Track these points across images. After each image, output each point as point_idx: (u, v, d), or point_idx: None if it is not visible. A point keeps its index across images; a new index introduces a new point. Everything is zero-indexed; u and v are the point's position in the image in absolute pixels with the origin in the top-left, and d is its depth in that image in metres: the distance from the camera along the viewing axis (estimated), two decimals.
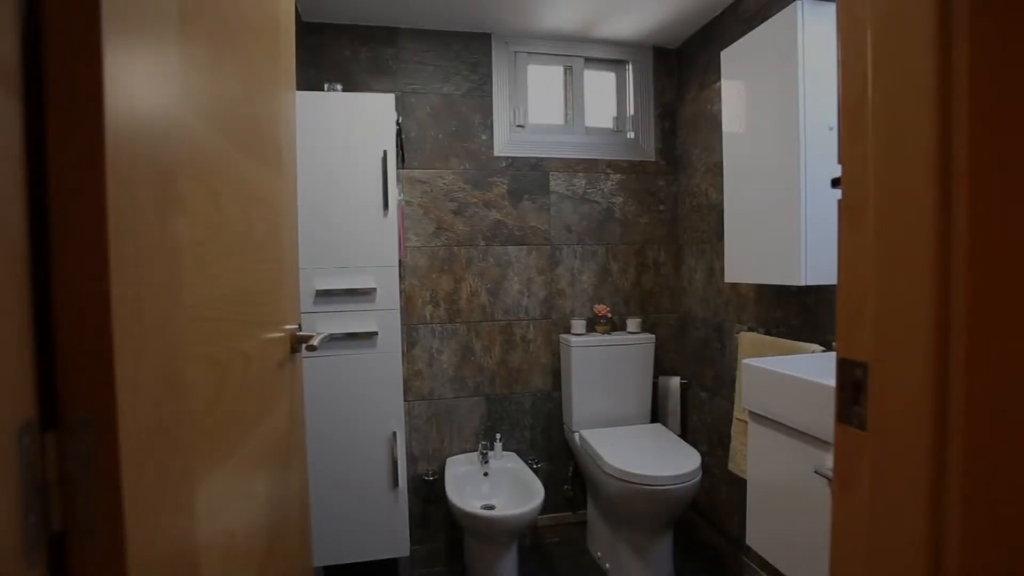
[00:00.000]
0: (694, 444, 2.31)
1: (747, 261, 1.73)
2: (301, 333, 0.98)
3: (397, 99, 2.16)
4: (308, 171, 1.76)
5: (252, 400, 0.73)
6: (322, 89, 1.88)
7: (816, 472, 1.10)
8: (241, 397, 0.69)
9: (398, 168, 2.17)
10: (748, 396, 1.35)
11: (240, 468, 0.68)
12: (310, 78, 2.09)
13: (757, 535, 1.34)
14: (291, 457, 0.95)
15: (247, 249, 0.73)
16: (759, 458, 1.33)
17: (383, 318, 1.85)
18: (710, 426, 2.22)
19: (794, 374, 1.18)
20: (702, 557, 2.18)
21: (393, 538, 1.89)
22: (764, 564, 1.88)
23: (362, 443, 1.84)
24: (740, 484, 2.01)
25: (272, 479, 0.82)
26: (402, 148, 2.14)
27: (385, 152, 1.81)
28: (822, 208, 1.50)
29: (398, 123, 1.94)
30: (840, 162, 0.49)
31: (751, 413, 1.36)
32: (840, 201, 0.49)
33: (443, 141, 2.23)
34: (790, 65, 1.50)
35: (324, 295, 1.80)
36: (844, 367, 0.47)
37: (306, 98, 1.76)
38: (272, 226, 0.86)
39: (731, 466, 1.86)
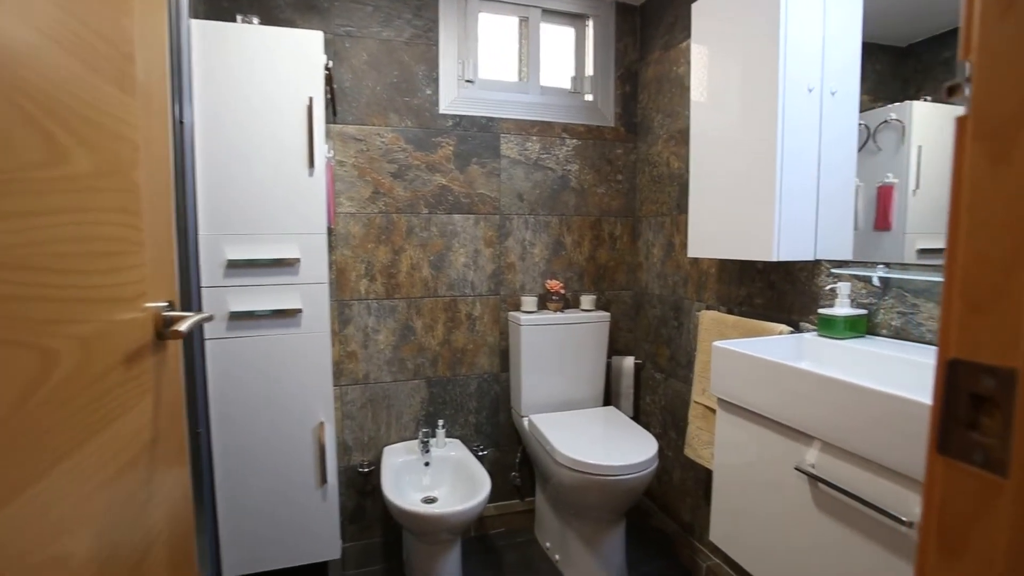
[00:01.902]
0: (647, 426, 2.21)
1: (712, 235, 1.60)
2: (173, 313, 0.74)
3: (328, 42, 1.87)
4: (215, 118, 1.48)
5: (78, 405, 0.51)
6: (233, 20, 1.58)
7: (797, 469, 0.99)
8: (55, 403, 0.47)
9: (328, 122, 1.90)
10: (717, 382, 1.23)
11: (69, 484, 0.47)
12: (220, 8, 1.77)
13: (723, 532, 1.23)
14: (163, 463, 0.72)
15: (57, 189, 0.49)
16: (728, 449, 1.21)
17: (309, 293, 1.61)
18: (664, 408, 2.13)
19: (774, 359, 1.06)
20: (653, 543, 2.10)
21: (321, 540, 1.68)
22: (716, 550, 1.81)
23: (284, 436, 1.61)
24: (694, 468, 1.92)
25: (130, 490, 0.61)
26: (333, 99, 1.87)
27: (311, 100, 1.55)
28: (799, 178, 1.38)
29: (328, 68, 1.67)
30: (965, 56, 0.32)
31: (720, 401, 1.23)
32: (964, 118, 0.32)
33: (382, 94, 1.96)
34: (771, 18, 1.35)
35: (236, 266, 1.54)
36: (960, 373, 0.31)
37: (212, 30, 1.47)
38: (121, 164, 0.62)
39: (687, 451, 1.77)
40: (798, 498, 1.00)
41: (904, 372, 1.06)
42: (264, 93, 1.52)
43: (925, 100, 1.26)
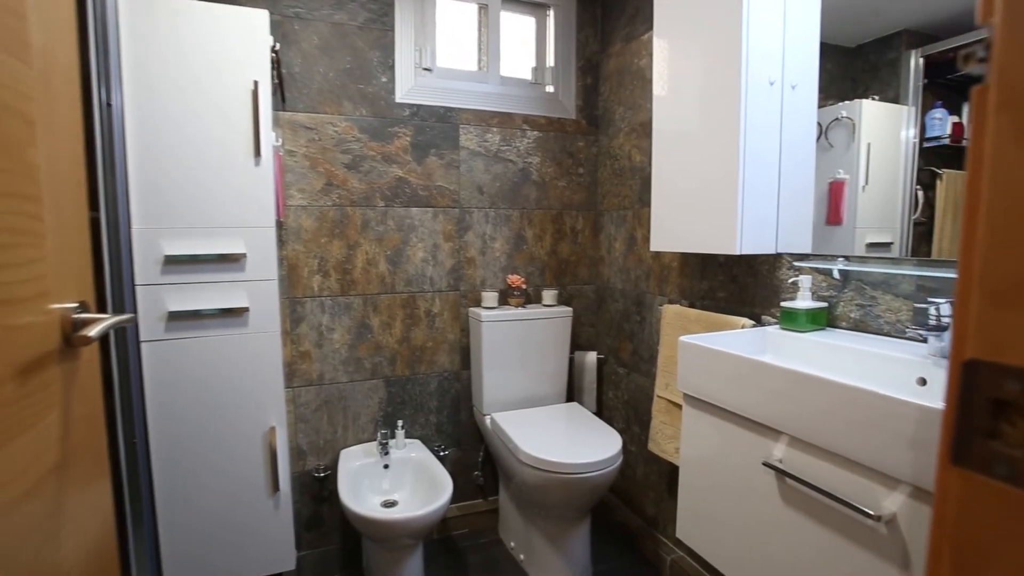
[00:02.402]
0: (610, 422, 2.20)
1: (675, 229, 1.59)
2: (85, 316, 0.65)
3: (276, 24, 1.76)
4: (148, 101, 1.36)
5: None
6: None
7: (765, 464, 0.98)
8: None
9: (277, 109, 1.79)
10: (684, 378, 1.21)
11: None
12: None
13: (689, 528, 1.22)
14: (76, 487, 0.64)
15: None
16: (694, 445, 1.20)
17: (256, 291, 1.51)
18: (627, 403, 2.12)
19: (740, 354, 1.04)
20: (618, 538, 2.10)
21: (275, 551, 1.59)
22: (681, 543, 1.81)
23: (232, 443, 1.51)
24: (657, 463, 1.92)
25: (32, 523, 0.52)
26: (281, 84, 1.76)
27: (256, 84, 1.44)
28: (761, 171, 1.38)
29: (275, 51, 1.57)
30: (986, 18, 0.29)
31: (686, 396, 1.22)
32: (983, 89, 0.29)
33: (334, 81, 1.86)
34: (733, 10, 1.34)
35: (175, 263, 1.42)
36: (979, 376, 0.28)
37: (144, 4, 1.35)
38: (8, 140, 0.53)
39: (651, 446, 1.76)
40: (766, 494, 0.99)
41: (866, 364, 1.07)
42: (205, 76, 1.41)
43: (873, 99, 1.29)
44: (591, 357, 2.21)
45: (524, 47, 2.22)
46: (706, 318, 1.58)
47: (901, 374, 1.00)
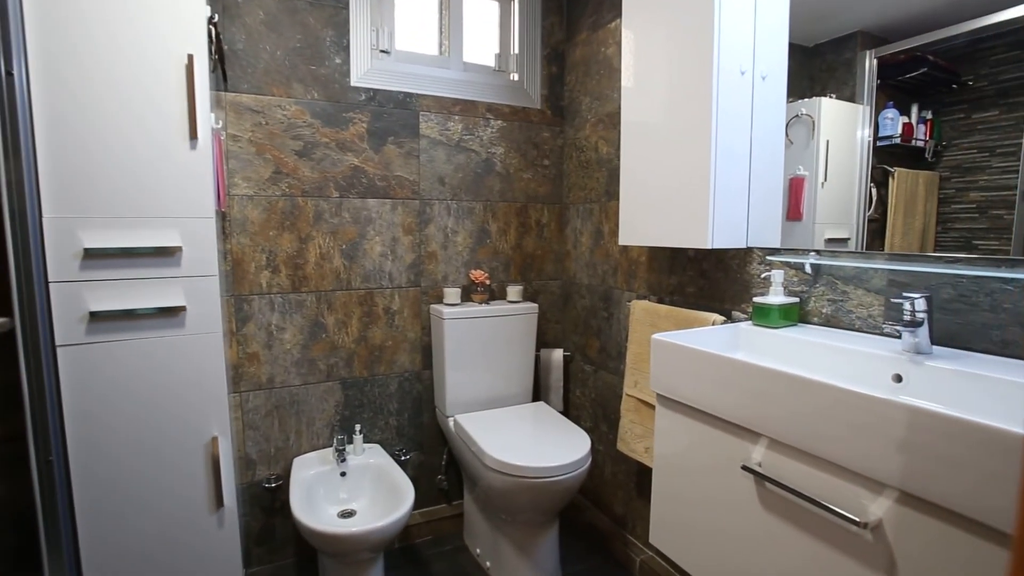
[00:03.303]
0: (577, 421, 2.15)
1: (644, 222, 1.54)
2: None
3: None
4: (60, 72, 1.21)
5: None
6: None
7: (743, 468, 0.93)
8: None
9: (219, 89, 1.65)
10: (657, 377, 1.16)
11: None
12: None
13: (663, 534, 1.17)
14: None
15: None
16: (668, 448, 1.15)
17: (195, 288, 1.37)
18: (594, 401, 2.07)
19: (717, 352, 0.99)
20: (586, 539, 2.05)
21: (219, 571, 1.46)
22: (651, 543, 1.78)
23: (169, 456, 1.38)
24: (626, 462, 1.88)
25: None
26: (222, 61, 1.62)
27: (191, 58, 1.30)
28: (733, 163, 1.34)
29: (213, 23, 1.43)
30: None
31: (659, 396, 1.17)
32: None
33: (283, 60, 1.73)
34: None
35: (97, 256, 1.28)
36: None
37: None
38: None
39: (620, 446, 1.71)
40: (744, 499, 0.95)
41: (840, 361, 1.03)
42: (129, 47, 1.26)
43: (831, 97, 1.29)
44: (557, 355, 2.15)
45: (487, 32, 2.13)
46: (676, 314, 1.53)
47: (876, 370, 0.97)
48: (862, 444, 0.74)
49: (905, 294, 0.95)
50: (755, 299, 1.28)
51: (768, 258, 1.34)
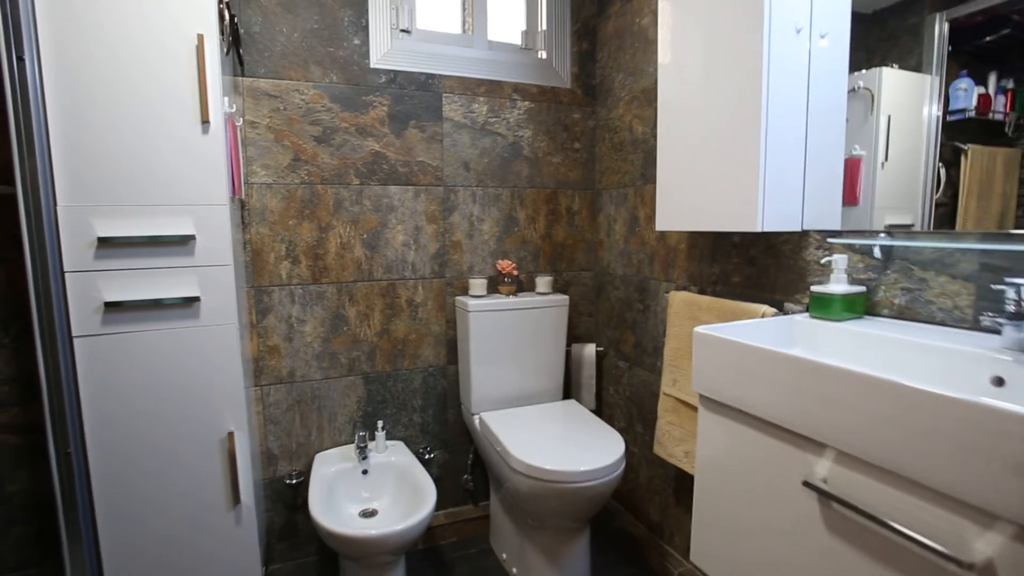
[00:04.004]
0: (610, 420, 2.03)
1: (684, 205, 1.40)
2: None
3: None
4: (71, 57, 1.17)
5: None
6: None
7: (805, 484, 0.80)
8: None
9: (235, 75, 1.59)
10: (700, 376, 1.03)
11: None
12: None
13: (706, 551, 1.04)
14: None
15: None
16: (713, 457, 1.02)
17: (208, 278, 1.32)
18: (629, 400, 1.94)
19: (773, 348, 0.86)
20: (619, 547, 1.93)
21: (237, 571, 1.42)
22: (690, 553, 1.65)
23: (184, 452, 1.33)
24: (663, 466, 1.75)
25: None
26: (238, 45, 1.56)
27: (201, 38, 1.24)
28: (786, 136, 1.19)
29: (225, 3, 1.37)
30: None
31: (703, 399, 1.04)
32: None
33: (300, 42, 1.66)
34: None
35: (111, 246, 1.23)
36: None
37: None
38: None
39: (657, 449, 1.59)
40: (804, 520, 0.81)
41: (922, 360, 0.88)
42: (138, 27, 1.21)
43: (893, 68, 1.14)
44: (589, 350, 2.03)
45: (513, 8, 2.01)
46: (719, 306, 1.39)
47: (969, 372, 0.82)
48: (968, 464, 0.60)
49: (1009, 279, 0.79)
50: (813, 288, 1.13)
51: (829, 240, 1.19)
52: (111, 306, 1.24)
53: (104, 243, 1.23)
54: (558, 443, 1.58)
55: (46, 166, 1.17)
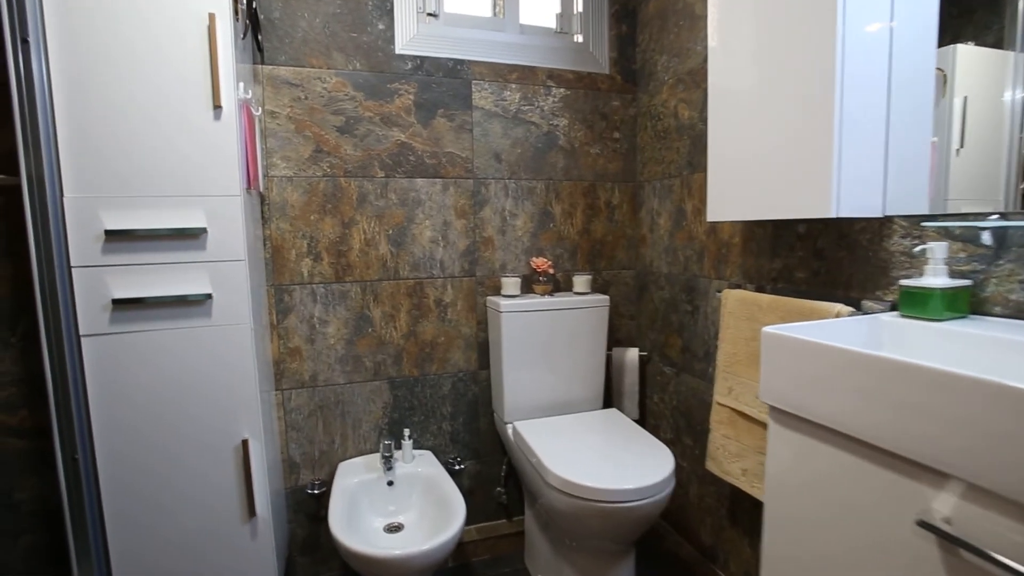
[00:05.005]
0: (655, 431, 1.87)
1: (739, 193, 1.25)
2: None
3: None
4: (78, 37, 1.10)
5: None
6: None
7: (920, 524, 0.63)
8: None
9: (255, 63, 1.52)
10: (770, 383, 0.87)
11: None
12: None
13: None
14: None
15: None
16: (788, 481, 0.86)
17: (221, 274, 1.24)
18: (676, 409, 1.78)
19: (870, 352, 0.70)
20: (665, 569, 1.76)
21: None
22: None
23: (196, 460, 1.25)
24: (715, 482, 1.58)
25: None
26: (256, 31, 1.48)
27: (212, 16, 1.16)
28: (863, 105, 1.02)
29: None
30: None
31: (774, 411, 0.88)
32: None
33: (321, 28, 1.58)
34: None
35: (119, 239, 1.16)
36: None
37: None
38: None
39: (710, 465, 1.42)
40: (919, 568, 0.65)
41: None
42: (147, 7, 1.14)
43: (969, 45, 1.00)
44: (632, 354, 1.87)
45: None
46: (782, 305, 1.22)
47: None
48: None
49: None
50: (903, 282, 0.96)
51: (923, 225, 1.01)
52: (119, 303, 1.17)
53: (112, 236, 1.16)
54: (600, 457, 1.44)
55: (52, 154, 1.11)
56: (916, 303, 0.93)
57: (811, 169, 1.05)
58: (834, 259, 1.20)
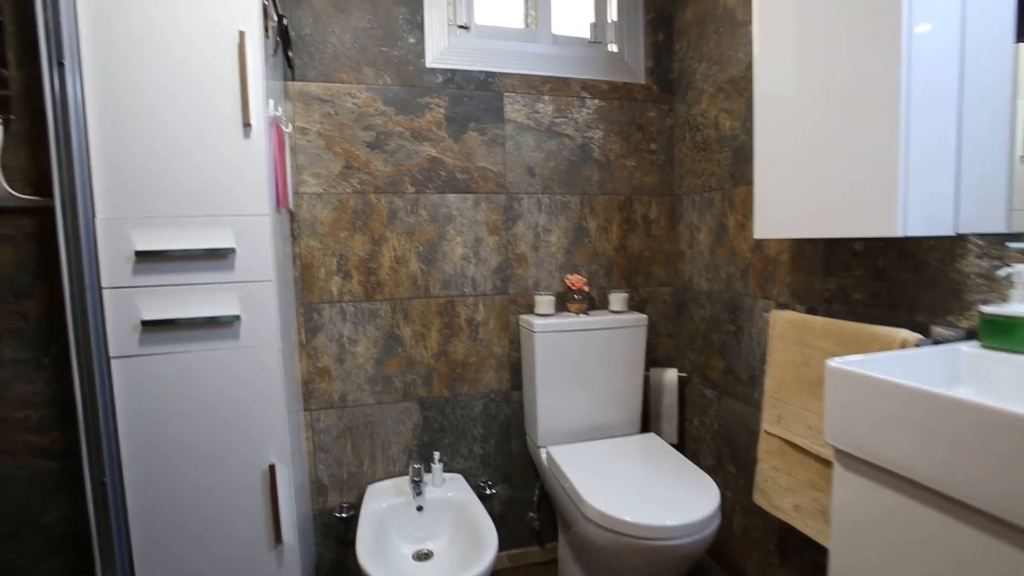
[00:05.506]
0: (694, 456, 1.77)
1: (789, 208, 1.16)
2: None
3: None
4: (112, 62, 1.10)
5: None
6: None
7: None
8: None
9: (285, 79, 1.51)
10: (836, 424, 0.79)
11: None
12: None
13: None
14: None
15: None
16: (859, 532, 0.77)
17: (249, 294, 1.21)
18: (717, 434, 1.68)
19: (964, 399, 0.61)
20: None
21: None
22: None
23: (223, 485, 1.23)
24: (762, 516, 1.48)
25: None
26: (287, 48, 1.47)
27: (242, 34, 1.15)
28: (933, 111, 0.93)
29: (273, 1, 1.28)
30: None
31: (840, 453, 0.79)
32: None
33: (352, 43, 1.56)
34: None
35: (149, 259, 1.15)
36: None
37: None
38: None
39: (758, 498, 1.32)
40: None
41: None
42: (177, 28, 1.13)
43: None
44: (671, 375, 1.79)
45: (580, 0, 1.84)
46: (838, 330, 1.13)
47: None
48: None
49: None
50: (985, 308, 0.86)
51: (1008, 245, 0.91)
52: (149, 325, 1.15)
53: (142, 257, 1.14)
54: (639, 488, 1.36)
55: (85, 175, 1.10)
56: (1001, 332, 0.83)
57: (873, 184, 0.96)
58: (897, 280, 1.10)
